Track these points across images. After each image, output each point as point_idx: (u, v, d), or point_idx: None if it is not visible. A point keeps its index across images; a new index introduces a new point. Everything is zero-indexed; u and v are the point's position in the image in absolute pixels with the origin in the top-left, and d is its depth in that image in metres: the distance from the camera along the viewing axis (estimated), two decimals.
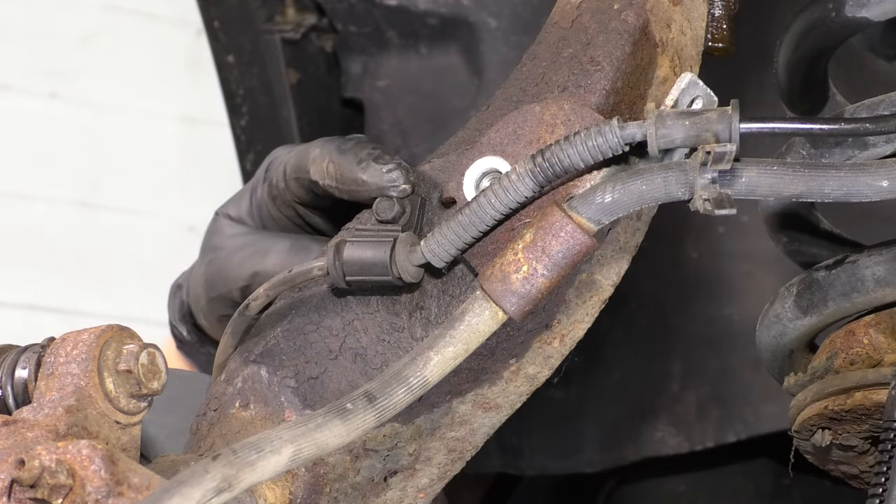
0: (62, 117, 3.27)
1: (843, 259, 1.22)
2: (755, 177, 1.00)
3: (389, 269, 1.10)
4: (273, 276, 1.15)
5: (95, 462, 0.96)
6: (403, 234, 1.11)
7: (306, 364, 1.16)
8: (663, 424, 1.96)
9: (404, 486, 1.18)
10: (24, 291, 3.17)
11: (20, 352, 1.08)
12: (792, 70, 1.25)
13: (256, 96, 2.01)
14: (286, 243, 1.30)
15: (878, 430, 1.17)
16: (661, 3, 1.16)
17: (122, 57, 3.34)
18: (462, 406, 1.17)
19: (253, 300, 1.16)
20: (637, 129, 1.03)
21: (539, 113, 1.09)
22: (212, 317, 1.36)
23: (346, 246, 1.11)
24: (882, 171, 1.00)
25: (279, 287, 1.15)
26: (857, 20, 1.17)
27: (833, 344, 1.23)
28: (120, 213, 3.25)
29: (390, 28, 1.95)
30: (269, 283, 1.15)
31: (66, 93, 3.28)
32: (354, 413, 0.98)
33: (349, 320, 1.16)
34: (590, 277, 1.15)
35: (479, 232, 1.08)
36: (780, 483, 2.01)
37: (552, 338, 1.15)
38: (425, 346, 1.02)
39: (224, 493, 0.92)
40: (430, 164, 1.18)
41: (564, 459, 1.98)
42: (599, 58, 1.13)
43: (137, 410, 1.05)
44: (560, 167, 1.04)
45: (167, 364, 1.06)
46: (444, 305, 1.13)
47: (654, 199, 1.01)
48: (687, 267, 1.98)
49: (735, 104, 1.01)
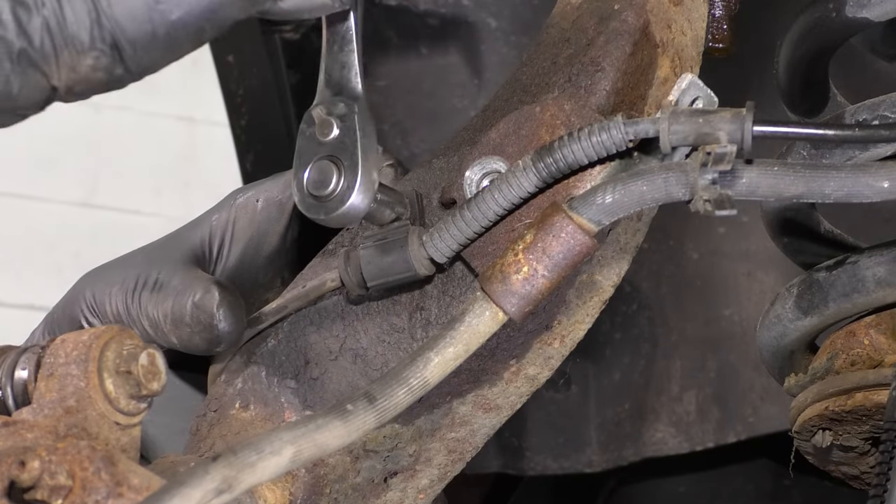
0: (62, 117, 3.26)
1: (844, 260, 1.22)
2: (755, 177, 1.00)
3: (411, 264, 1.09)
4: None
5: (95, 463, 0.96)
6: (413, 228, 1.11)
7: (306, 365, 1.16)
8: (663, 424, 1.96)
9: (404, 486, 1.18)
10: (24, 291, 3.17)
11: (20, 352, 1.08)
12: (792, 70, 1.25)
13: (256, 96, 2.01)
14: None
15: (879, 431, 1.17)
16: (662, 3, 1.16)
17: None
18: (462, 407, 1.17)
19: (265, 315, 1.16)
20: (650, 126, 1.02)
21: (539, 113, 1.09)
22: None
23: (361, 253, 1.11)
24: (882, 172, 1.00)
25: (293, 303, 1.15)
26: (857, 20, 1.18)
27: (834, 344, 1.23)
28: (120, 213, 3.25)
29: (390, 28, 1.95)
30: (281, 298, 1.16)
31: None
32: (355, 414, 0.98)
33: (349, 321, 1.15)
34: (590, 278, 1.15)
35: (481, 227, 1.08)
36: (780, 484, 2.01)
37: (552, 338, 1.15)
38: (425, 347, 1.02)
39: (224, 495, 0.92)
40: (430, 163, 1.17)
41: (564, 459, 1.98)
42: (600, 58, 1.13)
43: (137, 411, 1.05)
44: (564, 163, 1.04)
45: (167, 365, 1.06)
46: (444, 306, 1.13)
47: (655, 199, 1.01)
48: (687, 267, 1.98)
49: (750, 106, 1.00)
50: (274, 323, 1.17)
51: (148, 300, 1.16)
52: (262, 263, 1.20)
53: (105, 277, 1.20)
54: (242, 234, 1.20)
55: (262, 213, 1.20)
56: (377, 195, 1.08)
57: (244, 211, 1.21)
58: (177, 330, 1.15)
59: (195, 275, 1.16)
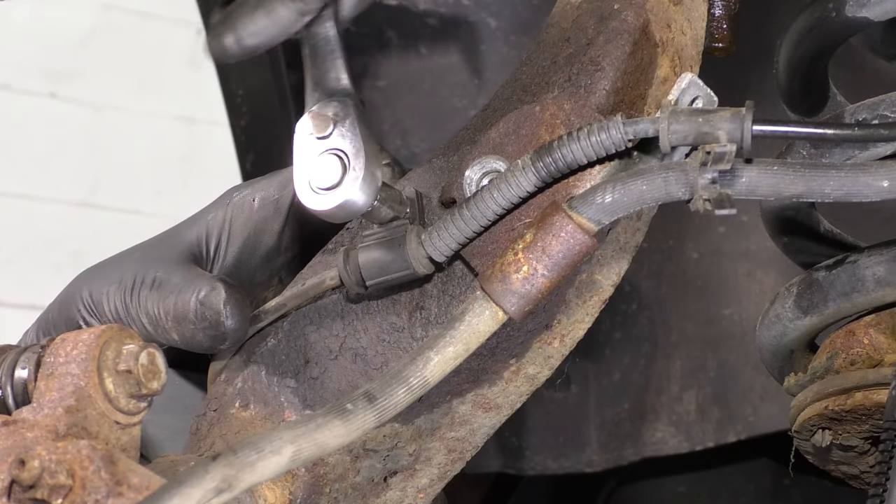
0: (62, 117, 3.27)
1: (844, 259, 1.22)
2: (755, 177, 1.00)
3: (409, 262, 1.09)
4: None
5: (95, 462, 0.96)
6: (412, 227, 1.11)
7: (306, 364, 1.16)
8: (663, 424, 1.96)
9: (404, 486, 1.18)
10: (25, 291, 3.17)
11: (20, 352, 1.08)
12: (792, 70, 1.25)
13: (256, 96, 2.01)
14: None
15: (879, 431, 1.17)
16: (662, 3, 1.16)
17: (122, 57, 3.34)
18: (462, 406, 1.17)
19: (264, 313, 1.16)
20: (649, 125, 1.02)
21: (539, 113, 1.09)
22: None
23: (359, 252, 1.11)
24: (882, 172, 1.00)
25: (291, 301, 1.15)
26: (857, 20, 1.18)
27: (833, 344, 1.24)
28: (120, 213, 3.25)
29: (390, 28, 1.95)
30: (280, 297, 1.16)
31: (65, 93, 3.28)
32: (354, 413, 0.98)
33: (349, 321, 1.15)
34: (590, 277, 1.15)
35: (479, 226, 1.08)
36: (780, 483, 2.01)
37: (552, 338, 1.15)
38: (425, 347, 1.02)
39: (224, 494, 0.92)
40: (430, 163, 1.17)
41: (564, 459, 1.98)
42: (599, 58, 1.13)
43: (137, 411, 1.05)
44: (563, 162, 1.04)
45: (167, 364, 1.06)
46: (444, 305, 1.13)
47: (655, 199, 1.01)
48: (687, 267, 1.98)
49: (750, 105, 1.00)
50: (273, 321, 1.17)
51: (147, 298, 1.16)
52: (258, 262, 1.20)
53: (101, 276, 1.20)
54: (239, 232, 1.20)
55: (258, 211, 1.20)
56: (379, 192, 1.08)
57: (240, 210, 1.20)
58: (179, 327, 1.14)
59: (196, 272, 1.16)
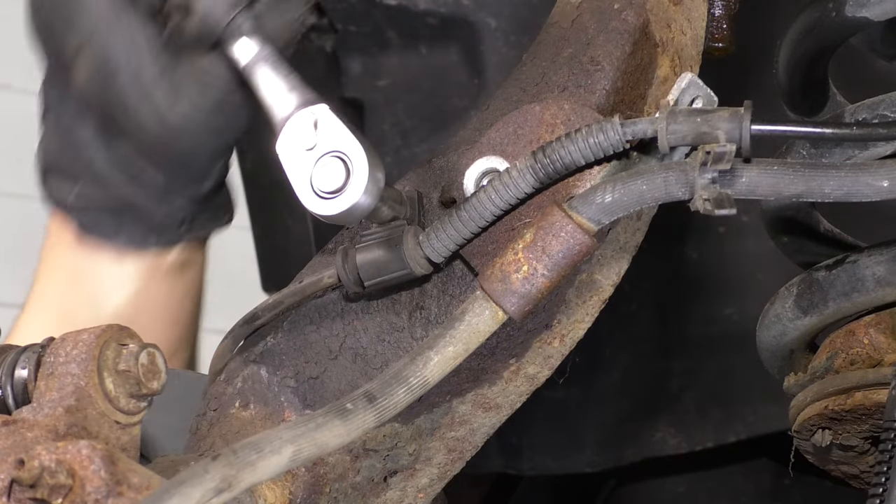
0: None
1: (844, 259, 1.22)
2: (755, 177, 1.00)
3: (407, 263, 1.09)
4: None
5: (95, 462, 0.96)
6: (410, 227, 1.11)
7: (306, 364, 1.16)
8: (663, 424, 1.96)
9: (404, 486, 1.18)
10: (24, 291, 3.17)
11: (20, 352, 1.08)
12: (792, 70, 1.25)
13: None
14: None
15: (879, 431, 1.17)
16: (662, 2, 1.16)
17: None
18: (462, 406, 1.17)
19: (261, 311, 1.16)
20: (648, 126, 1.03)
21: (539, 113, 1.09)
22: None
23: (357, 252, 1.11)
24: (882, 171, 1.00)
25: (288, 298, 1.15)
26: (857, 20, 1.17)
27: (833, 344, 1.23)
28: None
29: (390, 28, 1.95)
30: (278, 294, 1.15)
31: None
32: (354, 413, 0.98)
33: (349, 320, 1.16)
34: (590, 277, 1.15)
35: (477, 227, 1.08)
36: (780, 483, 2.01)
37: (552, 338, 1.15)
38: (425, 346, 1.02)
39: (224, 494, 0.92)
40: (430, 163, 1.18)
41: (564, 459, 1.98)
42: (599, 58, 1.13)
43: (137, 410, 1.05)
44: (561, 164, 1.04)
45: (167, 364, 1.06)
46: (444, 305, 1.13)
47: (655, 199, 1.01)
48: (687, 267, 1.98)
49: (748, 105, 1.00)
50: (271, 319, 1.17)
51: None
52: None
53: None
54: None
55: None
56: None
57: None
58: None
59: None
